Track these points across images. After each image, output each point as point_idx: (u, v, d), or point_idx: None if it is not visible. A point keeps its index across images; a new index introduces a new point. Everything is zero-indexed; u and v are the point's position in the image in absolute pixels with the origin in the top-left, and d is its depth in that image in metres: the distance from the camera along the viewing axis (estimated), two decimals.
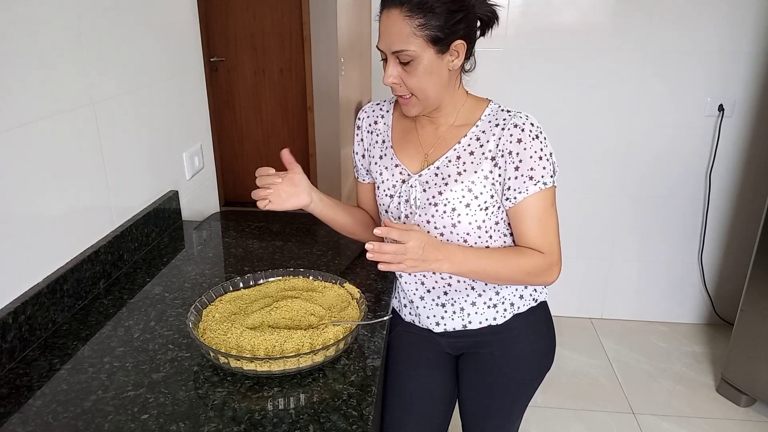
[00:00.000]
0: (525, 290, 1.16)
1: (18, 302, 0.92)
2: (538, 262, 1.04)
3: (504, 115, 1.04)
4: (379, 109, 1.20)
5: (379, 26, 1.00)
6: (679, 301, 2.66)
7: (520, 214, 1.04)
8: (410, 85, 1.00)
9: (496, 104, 1.09)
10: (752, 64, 2.26)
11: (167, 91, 1.47)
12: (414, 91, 1.01)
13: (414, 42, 0.96)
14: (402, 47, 0.96)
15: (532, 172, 1.00)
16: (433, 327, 1.17)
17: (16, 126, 0.92)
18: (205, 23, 3.70)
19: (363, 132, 1.21)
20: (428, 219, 1.08)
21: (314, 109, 3.96)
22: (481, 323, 1.14)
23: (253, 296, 1.05)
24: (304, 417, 0.79)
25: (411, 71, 0.99)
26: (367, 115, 1.20)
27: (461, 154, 1.06)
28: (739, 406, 2.12)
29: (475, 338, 1.16)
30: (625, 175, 2.47)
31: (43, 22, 0.98)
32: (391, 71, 1.00)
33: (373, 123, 1.19)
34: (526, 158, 1.00)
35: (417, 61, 0.97)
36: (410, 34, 0.95)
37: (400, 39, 0.96)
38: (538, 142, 1.01)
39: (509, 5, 2.28)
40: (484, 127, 1.05)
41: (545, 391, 2.20)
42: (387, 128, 1.17)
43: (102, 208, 1.19)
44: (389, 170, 1.14)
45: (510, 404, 1.20)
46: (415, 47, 0.96)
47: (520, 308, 1.15)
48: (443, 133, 1.09)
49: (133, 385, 0.85)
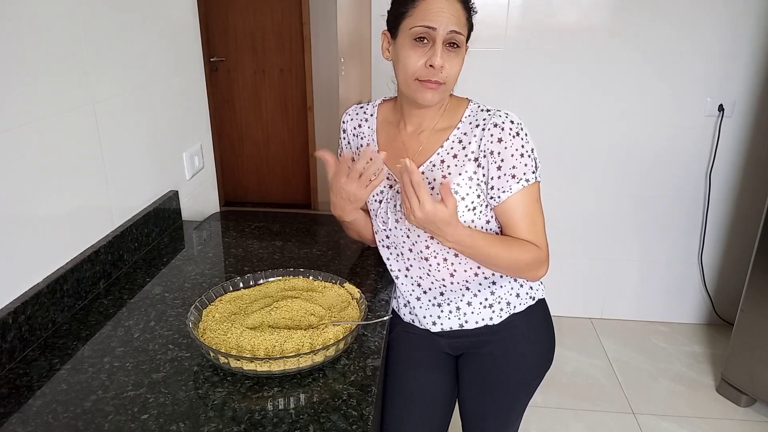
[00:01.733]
0: (521, 288, 1.16)
1: (18, 302, 0.92)
2: (534, 256, 1.05)
3: (484, 115, 1.04)
4: (363, 112, 1.19)
5: (427, 6, 0.98)
6: (679, 301, 2.66)
7: (507, 212, 1.05)
8: (451, 70, 1.00)
9: (476, 104, 1.09)
10: (752, 64, 2.26)
11: (167, 91, 1.47)
12: (449, 77, 1.01)
13: (464, 29, 1.01)
14: (460, 29, 0.99)
15: (515, 171, 1.01)
16: (430, 327, 1.17)
17: (16, 126, 0.92)
18: (205, 23, 3.70)
19: (348, 135, 1.20)
20: None
21: (314, 109, 3.96)
22: (478, 323, 1.14)
23: (253, 296, 1.05)
24: (304, 417, 0.79)
25: (454, 56, 1.00)
26: (350, 118, 1.20)
27: (445, 158, 1.06)
28: (739, 406, 2.12)
29: (473, 338, 1.16)
30: (625, 175, 2.47)
31: (43, 22, 0.98)
32: (441, 52, 0.98)
33: (357, 126, 1.19)
34: (508, 157, 1.01)
35: (461, 49, 1.01)
36: (465, 21, 1.01)
37: (458, 21, 0.99)
38: (518, 139, 1.01)
39: (509, 5, 2.28)
40: (465, 129, 1.06)
41: (545, 391, 2.20)
42: (372, 132, 1.16)
43: (102, 208, 1.19)
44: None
45: (510, 404, 1.20)
46: (464, 33, 1.01)
47: (517, 307, 1.15)
48: (426, 138, 1.09)
49: (133, 385, 0.85)
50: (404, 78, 1.02)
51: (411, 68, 1.00)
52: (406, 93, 1.05)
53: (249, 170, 4.21)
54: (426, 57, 0.98)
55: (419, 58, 0.99)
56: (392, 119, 1.16)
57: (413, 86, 1.01)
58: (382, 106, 1.18)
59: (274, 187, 4.24)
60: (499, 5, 2.28)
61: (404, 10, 1.00)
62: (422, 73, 0.99)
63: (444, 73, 0.99)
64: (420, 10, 0.98)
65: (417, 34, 0.98)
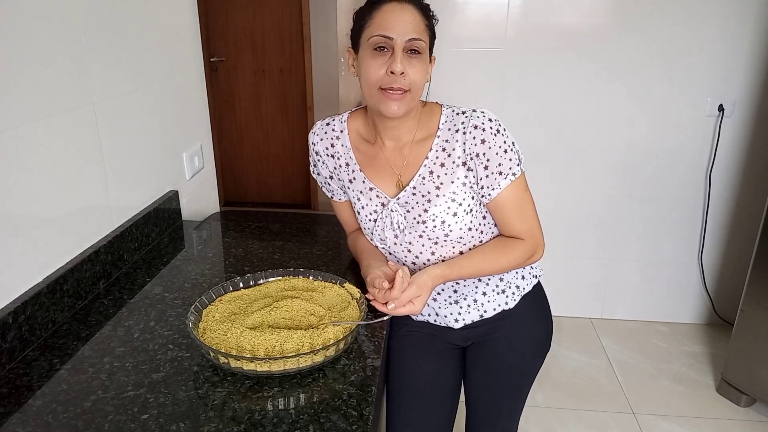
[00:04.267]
0: (524, 270, 1.20)
1: (18, 302, 0.92)
2: (522, 251, 1.10)
3: (461, 119, 1.05)
4: (331, 130, 1.14)
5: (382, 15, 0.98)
6: (679, 301, 2.66)
7: (498, 207, 1.08)
8: (413, 77, 0.99)
9: (449, 107, 1.09)
10: (752, 64, 2.26)
11: (167, 91, 1.47)
12: (413, 84, 1.00)
13: (424, 35, 1.00)
14: (419, 36, 0.99)
15: (501, 167, 1.03)
16: (452, 324, 1.18)
17: (16, 126, 0.92)
18: (205, 23, 3.70)
19: (323, 156, 1.16)
20: (420, 234, 1.10)
21: (314, 109, 3.96)
22: (495, 309, 1.17)
23: (253, 296, 1.05)
24: (304, 417, 0.79)
25: (415, 63, 1.00)
26: (320, 139, 1.15)
27: (433, 169, 1.06)
28: (739, 406, 2.12)
29: (489, 326, 1.19)
30: (625, 175, 2.47)
31: (43, 22, 0.98)
32: (401, 59, 0.98)
33: (329, 146, 1.15)
34: (493, 156, 1.03)
35: (423, 54, 1.01)
36: (424, 28, 1.00)
37: (416, 28, 0.99)
38: (500, 136, 1.03)
39: (509, 5, 2.28)
40: (445, 136, 1.06)
41: (545, 391, 2.20)
42: (347, 150, 1.13)
43: (102, 208, 1.19)
44: (365, 195, 1.12)
45: (520, 385, 1.23)
46: (425, 40, 1.00)
47: (525, 288, 1.19)
48: (408, 152, 1.09)
49: (133, 385, 0.85)
50: (368, 89, 1.02)
51: (373, 77, 1.00)
52: (372, 105, 1.04)
53: (249, 170, 4.21)
54: (387, 65, 0.98)
55: (380, 67, 0.99)
56: (367, 135, 1.13)
57: (376, 97, 1.01)
58: (351, 119, 1.14)
59: (274, 187, 4.24)
60: (499, 5, 2.28)
61: (363, 23, 1.01)
62: (384, 81, 0.99)
63: (406, 80, 0.99)
64: (377, 20, 0.99)
65: (376, 44, 0.98)
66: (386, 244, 1.14)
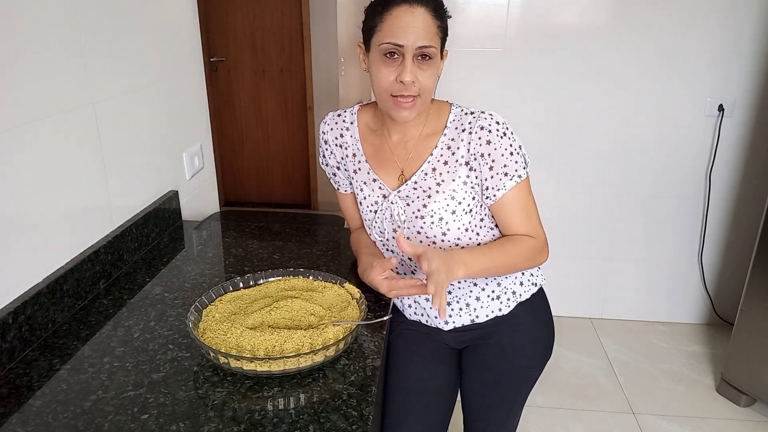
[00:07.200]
0: (523, 276, 1.18)
1: (18, 302, 0.92)
2: (531, 246, 1.09)
3: (469, 119, 1.05)
4: (342, 121, 1.16)
5: (392, 21, 0.97)
6: (679, 301, 2.66)
7: (503, 208, 1.08)
8: (424, 82, 0.99)
9: (458, 107, 1.09)
10: (752, 64, 2.26)
11: (167, 91, 1.47)
12: (424, 90, 1.00)
13: (435, 40, 0.99)
14: (430, 42, 0.97)
15: (506, 169, 1.03)
16: (442, 325, 1.18)
17: (16, 126, 0.92)
18: (205, 23, 3.70)
19: (331, 146, 1.18)
20: (417, 230, 1.10)
21: (314, 109, 3.96)
22: (488, 315, 1.16)
23: (253, 296, 1.05)
24: (304, 417, 0.79)
25: (426, 69, 0.99)
26: (330, 128, 1.17)
27: (436, 166, 1.07)
28: (739, 406, 2.12)
29: (482, 330, 1.18)
30: (625, 175, 2.47)
31: (43, 22, 0.98)
32: (412, 68, 0.98)
33: (339, 136, 1.16)
34: (498, 157, 1.03)
35: (434, 59, 0.99)
36: (435, 33, 0.99)
37: (427, 34, 0.97)
38: (506, 139, 1.03)
39: (509, 5, 2.28)
40: (452, 135, 1.06)
41: (545, 391, 2.20)
42: (355, 141, 1.15)
43: (102, 208, 1.19)
44: (368, 185, 1.13)
45: (515, 394, 1.22)
46: (435, 45, 0.99)
47: (522, 295, 1.18)
48: (414, 146, 1.09)
49: (133, 385, 0.85)
50: (379, 93, 1.03)
51: (383, 84, 1.00)
52: (383, 108, 1.05)
53: (249, 170, 4.21)
54: (396, 72, 0.98)
55: (390, 74, 0.99)
56: (375, 126, 1.14)
57: (388, 103, 1.02)
58: (361, 112, 1.16)
59: (274, 187, 4.24)
60: (499, 5, 2.28)
61: (373, 25, 1.00)
62: (394, 89, 0.99)
63: (417, 87, 0.99)
64: (387, 25, 0.97)
65: (386, 51, 0.98)
66: (385, 237, 1.14)
